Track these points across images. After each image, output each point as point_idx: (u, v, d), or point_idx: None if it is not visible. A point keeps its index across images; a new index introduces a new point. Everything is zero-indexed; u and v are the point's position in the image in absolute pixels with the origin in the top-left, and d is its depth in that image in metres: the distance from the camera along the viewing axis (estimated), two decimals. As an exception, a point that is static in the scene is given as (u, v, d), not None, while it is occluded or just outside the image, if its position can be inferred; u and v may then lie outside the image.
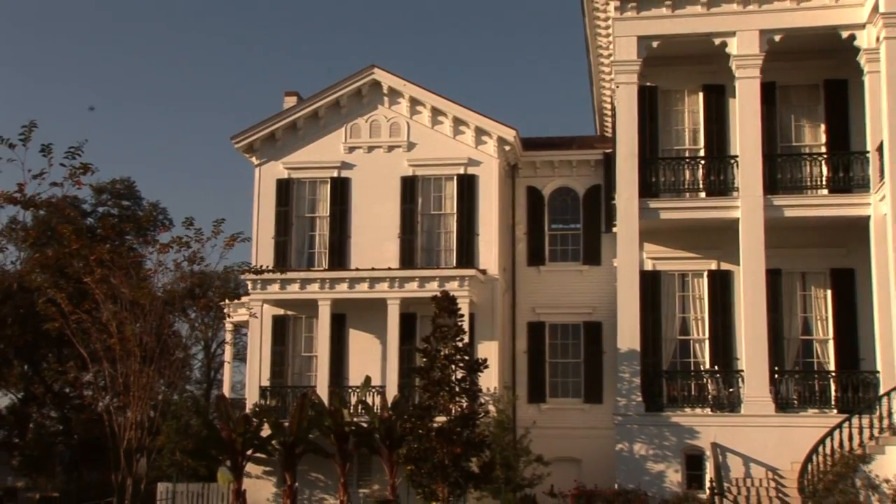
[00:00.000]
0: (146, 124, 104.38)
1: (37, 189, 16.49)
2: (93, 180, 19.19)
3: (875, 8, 27.20)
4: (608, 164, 33.11)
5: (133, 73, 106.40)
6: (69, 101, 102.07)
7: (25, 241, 19.59)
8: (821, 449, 25.35)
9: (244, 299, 35.20)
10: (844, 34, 28.64)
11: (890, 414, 25.52)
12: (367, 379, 31.77)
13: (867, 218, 28.06)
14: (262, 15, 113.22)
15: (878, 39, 27.39)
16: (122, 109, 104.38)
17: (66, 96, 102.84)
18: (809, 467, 25.10)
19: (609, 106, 34.29)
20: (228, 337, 41.36)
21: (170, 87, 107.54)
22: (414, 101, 34.57)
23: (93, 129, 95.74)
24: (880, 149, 27.17)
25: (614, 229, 29.77)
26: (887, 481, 24.10)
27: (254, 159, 35.02)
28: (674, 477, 27.55)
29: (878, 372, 27.31)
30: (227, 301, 36.33)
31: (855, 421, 25.71)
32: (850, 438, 25.47)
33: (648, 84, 30.69)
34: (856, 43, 28.54)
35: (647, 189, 29.41)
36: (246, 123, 36.65)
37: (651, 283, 30.23)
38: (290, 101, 36.12)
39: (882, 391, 26.42)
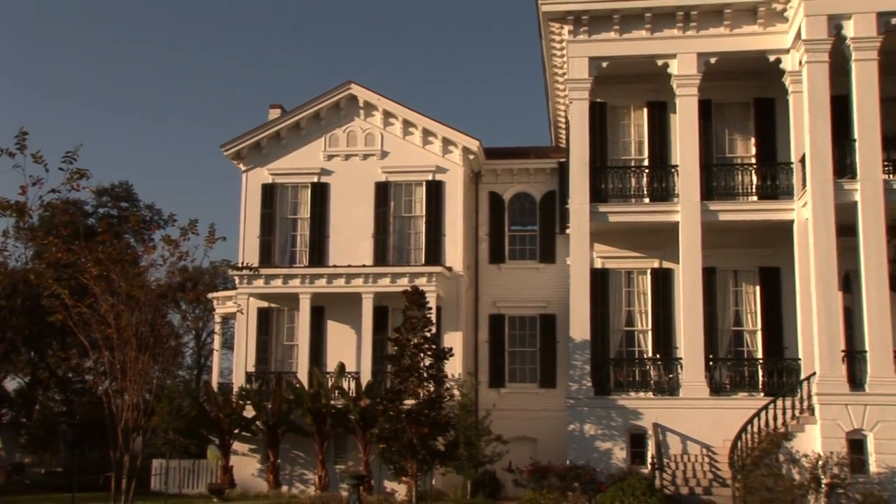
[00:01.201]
0: (144, 134, 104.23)
1: (38, 193, 16.61)
2: (92, 184, 19.08)
3: (798, 35, 27.48)
4: (562, 172, 33.07)
5: (130, 87, 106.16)
6: (69, 112, 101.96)
7: (32, 240, 19.44)
8: (749, 428, 25.61)
9: (231, 293, 35.34)
10: (771, 58, 28.93)
11: (809, 396, 25.89)
12: (341, 365, 32.04)
13: (791, 222, 28.35)
14: (250, 33, 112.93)
15: (800, 63, 27.63)
16: (121, 120, 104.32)
17: (67, 109, 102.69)
18: (739, 444, 25.28)
19: (563, 119, 34.18)
20: (217, 327, 41.43)
21: (165, 100, 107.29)
22: (387, 114, 34.61)
23: (94, 138, 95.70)
24: (803, 160, 27.45)
25: (567, 231, 29.75)
26: (806, 456, 24.38)
27: (241, 165, 35.05)
28: (619, 454, 27.64)
29: (799, 359, 27.59)
30: (216, 294, 36.75)
31: (779, 403, 26.10)
32: (775, 418, 25.86)
33: (598, 100, 30.64)
34: (781, 66, 28.83)
35: (597, 195, 29.41)
36: (234, 133, 36.70)
37: (600, 280, 30.31)
38: (275, 113, 36.11)
39: (803, 376, 26.72)
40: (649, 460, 26.57)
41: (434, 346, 28.37)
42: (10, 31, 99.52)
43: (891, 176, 26.88)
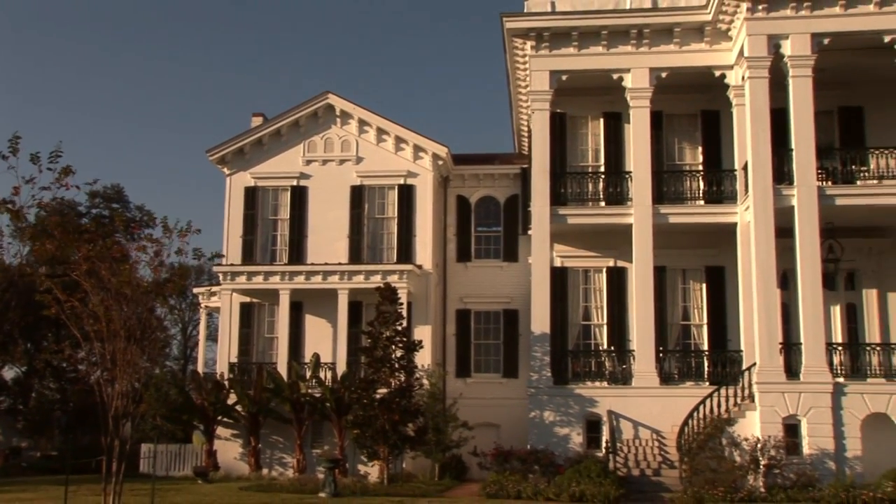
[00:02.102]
0: (134, 139, 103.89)
1: (30, 192, 16.66)
2: (85, 186, 18.93)
3: (741, 53, 27.81)
4: (525, 177, 33.17)
5: (123, 95, 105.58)
6: (64, 119, 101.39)
7: (29, 237, 19.36)
8: (695, 414, 25.95)
9: (215, 288, 35.25)
10: (717, 73, 29.29)
11: (750, 385, 26.21)
12: (317, 356, 32.02)
13: (735, 225, 28.65)
14: (234, 45, 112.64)
15: (743, 78, 27.92)
16: (112, 126, 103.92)
17: (57, 117, 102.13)
18: (686, 429, 25.63)
19: (526, 128, 34.16)
20: (203, 320, 41.49)
21: (154, 108, 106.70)
22: (362, 122, 34.50)
23: (88, 143, 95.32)
24: (745, 168, 27.77)
25: (529, 232, 29.93)
26: (746, 440, 24.73)
27: (225, 170, 34.90)
28: (576, 439, 27.80)
29: (741, 351, 27.91)
30: (202, 290, 36.73)
31: (723, 391, 26.37)
32: (719, 405, 26.13)
33: (558, 111, 30.79)
34: (726, 80, 29.18)
35: (557, 198, 29.53)
36: (218, 139, 36.66)
37: (559, 278, 30.40)
38: (257, 121, 35.88)
39: (744, 367, 27.04)
40: (604, 445, 26.72)
41: (405, 339, 28.58)
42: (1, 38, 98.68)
43: (824, 183, 27.20)
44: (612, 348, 30.07)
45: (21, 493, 25.63)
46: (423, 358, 30.69)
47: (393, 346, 27.99)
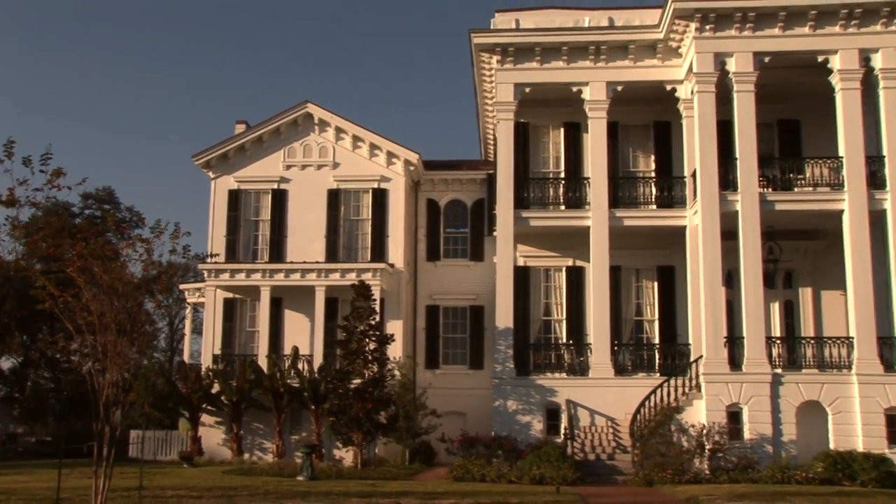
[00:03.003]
0: (126, 145, 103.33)
1: (24, 194, 16.75)
2: (72, 184, 18.79)
3: (690, 69, 28.17)
4: (490, 182, 33.13)
5: (116, 103, 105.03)
6: (51, 127, 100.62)
7: (23, 235, 19.23)
8: (647, 403, 26.24)
9: (201, 285, 35.08)
10: (668, 87, 29.51)
11: (697, 376, 26.52)
12: (295, 349, 31.96)
13: (684, 227, 28.86)
14: (217, 55, 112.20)
15: (692, 92, 28.31)
16: (106, 135, 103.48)
17: (49, 124, 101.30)
18: (638, 417, 25.88)
19: (492, 137, 34.16)
20: (188, 315, 41.36)
21: (144, 115, 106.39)
22: (339, 130, 34.48)
23: (81, 148, 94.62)
24: (694, 175, 28.04)
25: (494, 233, 30.00)
26: (693, 426, 25.21)
27: (210, 174, 34.79)
28: (537, 426, 27.88)
29: (689, 344, 28.18)
30: (188, 286, 36.63)
31: (672, 382, 26.72)
32: (668, 395, 26.49)
33: (522, 120, 30.82)
34: (676, 94, 29.38)
35: (521, 202, 29.61)
36: (204, 145, 36.60)
37: (522, 276, 30.45)
38: (240, 128, 35.88)
39: (692, 359, 27.37)
40: (562, 431, 26.86)
41: (378, 333, 28.65)
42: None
43: (765, 189, 27.54)
44: (571, 342, 30.07)
45: (17, 476, 25.52)
46: (395, 351, 30.78)
47: (367, 340, 28.06)
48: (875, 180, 27.09)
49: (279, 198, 34.51)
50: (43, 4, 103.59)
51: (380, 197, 34.22)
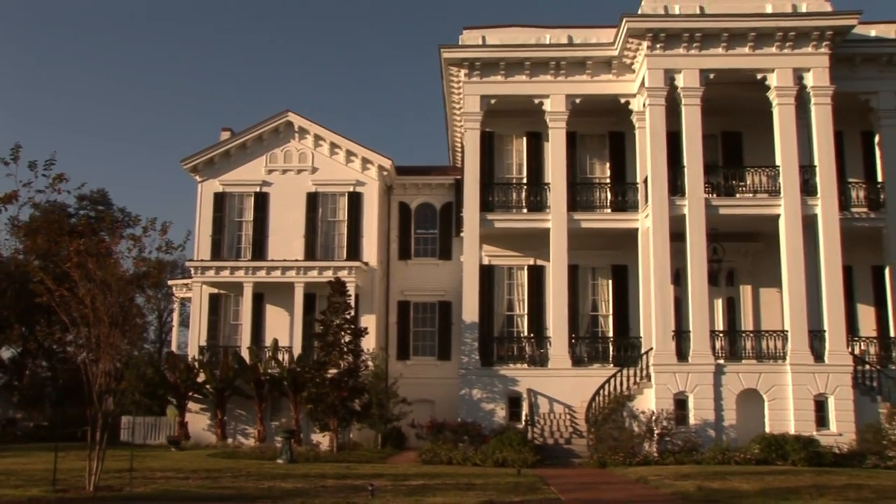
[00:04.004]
0: (118, 150, 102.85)
1: (27, 195, 16.84)
2: (71, 188, 18.72)
3: (642, 84, 28.38)
4: (458, 187, 33.22)
5: (105, 112, 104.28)
6: (47, 133, 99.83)
7: (25, 234, 19.17)
8: (601, 391, 26.53)
9: (188, 281, 35.11)
10: (622, 100, 29.70)
11: (647, 366, 26.82)
12: (276, 341, 32.05)
13: (636, 230, 29.11)
14: (202, 65, 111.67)
15: (644, 105, 28.50)
16: (97, 140, 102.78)
17: (44, 130, 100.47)
18: (593, 404, 26.18)
19: (460, 144, 34.15)
20: (176, 308, 41.30)
21: (136, 122, 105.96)
22: (317, 137, 34.55)
23: (76, 153, 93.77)
24: (645, 181, 28.36)
25: (462, 234, 30.05)
26: (643, 413, 25.54)
27: (197, 177, 34.73)
28: (500, 413, 28.02)
29: (640, 337, 28.52)
30: (176, 282, 36.61)
31: (625, 372, 27.05)
32: (621, 384, 26.78)
33: (488, 129, 30.85)
34: (630, 107, 29.58)
35: (486, 205, 29.68)
36: (191, 150, 36.47)
37: (487, 274, 30.52)
38: (225, 135, 35.69)
39: (643, 351, 27.66)
40: (523, 418, 27.03)
41: (353, 326, 28.74)
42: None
43: (710, 195, 27.87)
44: (532, 335, 30.22)
45: (17, 458, 25.56)
46: (369, 343, 30.93)
47: (342, 333, 28.15)
48: (808, 188, 27.51)
49: (261, 200, 34.50)
50: (40, 12, 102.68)
51: (355, 200, 34.30)
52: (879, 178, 29.75)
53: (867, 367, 27.41)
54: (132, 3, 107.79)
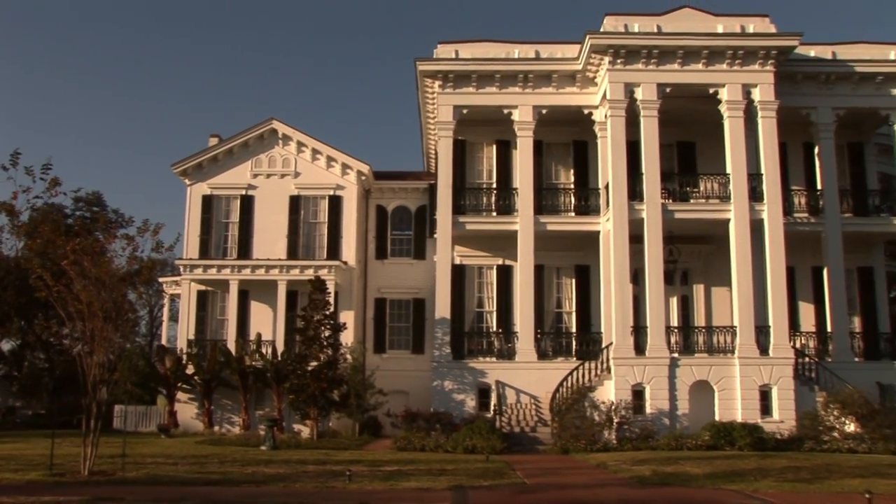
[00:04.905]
0: (112, 155, 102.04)
1: (26, 198, 16.90)
2: (68, 190, 18.71)
3: (604, 96, 28.55)
4: (432, 191, 33.16)
5: (98, 118, 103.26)
6: (49, 141, 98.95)
7: (23, 234, 19.11)
8: (565, 383, 26.76)
9: (177, 278, 34.96)
10: (586, 111, 29.87)
11: (608, 360, 27.02)
12: (260, 335, 32.00)
13: (598, 232, 29.40)
14: (192, 75, 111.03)
15: (605, 116, 28.61)
16: (95, 147, 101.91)
17: (39, 136, 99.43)
18: (557, 395, 26.34)
19: (434, 151, 33.99)
20: (166, 304, 41.07)
21: (128, 130, 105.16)
22: (300, 144, 34.51)
23: (73, 157, 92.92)
24: (607, 187, 28.48)
25: (435, 235, 30.16)
26: (603, 403, 25.70)
27: (186, 181, 34.58)
28: (470, 403, 28.09)
29: (601, 333, 28.68)
30: (166, 279, 36.48)
31: (586, 365, 27.23)
32: (583, 376, 27.00)
33: (460, 138, 30.77)
34: (593, 117, 29.78)
35: (458, 209, 29.79)
36: (181, 155, 36.30)
37: (459, 273, 30.63)
38: (213, 141, 35.69)
39: (603, 345, 27.85)
40: (492, 408, 27.15)
41: (332, 322, 28.73)
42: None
43: (667, 200, 28.18)
44: (500, 330, 30.32)
45: (16, 444, 25.47)
46: (347, 337, 30.96)
47: (322, 328, 28.14)
48: (755, 194, 27.85)
49: (247, 203, 34.45)
50: (36, 25, 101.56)
51: (335, 203, 34.30)
52: (819, 186, 30.27)
53: (807, 359, 27.93)
54: (126, 18, 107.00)
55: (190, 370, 31.99)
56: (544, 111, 30.06)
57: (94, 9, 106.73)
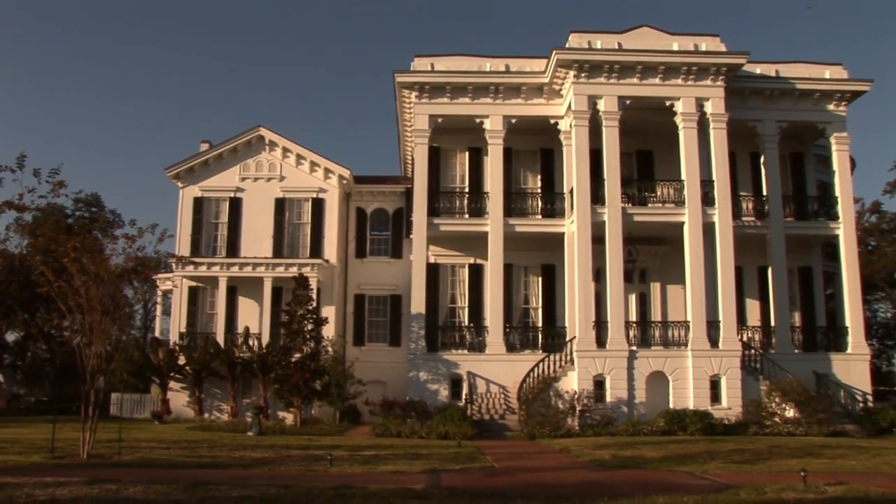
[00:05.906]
0: (110, 159, 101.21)
1: (30, 199, 16.86)
2: (69, 192, 18.65)
3: (569, 107, 28.74)
4: (408, 194, 33.07)
5: (103, 122, 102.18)
6: (48, 145, 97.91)
7: (27, 233, 19.03)
8: (531, 374, 26.87)
9: (170, 275, 34.90)
10: (552, 121, 30.09)
11: (571, 352, 27.08)
12: (247, 328, 32.02)
13: (563, 234, 29.56)
14: (184, 84, 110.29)
15: (570, 126, 28.75)
16: (92, 151, 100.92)
17: (38, 141, 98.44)
18: (524, 385, 26.43)
19: (410, 157, 33.83)
20: (159, 299, 40.92)
21: (125, 136, 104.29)
22: (285, 150, 34.45)
23: (71, 161, 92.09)
24: (571, 192, 28.54)
25: (411, 236, 30.09)
26: (567, 392, 25.87)
27: (179, 184, 34.52)
28: (443, 393, 28.21)
29: (566, 327, 28.88)
30: (159, 276, 36.39)
31: (552, 357, 27.34)
32: (549, 367, 27.10)
33: (435, 145, 30.90)
34: (559, 127, 29.97)
35: (433, 211, 29.87)
36: (174, 160, 36.19)
37: (433, 271, 30.67)
38: (204, 146, 35.43)
39: (568, 339, 27.93)
40: (464, 397, 27.29)
41: (315, 316, 28.79)
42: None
43: (627, 204, 28.34)
44: (472, 325, 30.39)
45: (20, 429, 25.44)
46: (329, 331, 30.93)
47: (305, 322, 28.17)
48: (707, 199, 28.18)
49: (235, 204, 34.37)
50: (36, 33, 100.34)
51: (318, 205, 34.26)
52: (764, 192, 30.69)
53: (753, 351, 28.34)
54: (122, 29, 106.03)
55: (182, 361, 31.94)
56: (514, 121, 30.19)
57: (91, 18, 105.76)
